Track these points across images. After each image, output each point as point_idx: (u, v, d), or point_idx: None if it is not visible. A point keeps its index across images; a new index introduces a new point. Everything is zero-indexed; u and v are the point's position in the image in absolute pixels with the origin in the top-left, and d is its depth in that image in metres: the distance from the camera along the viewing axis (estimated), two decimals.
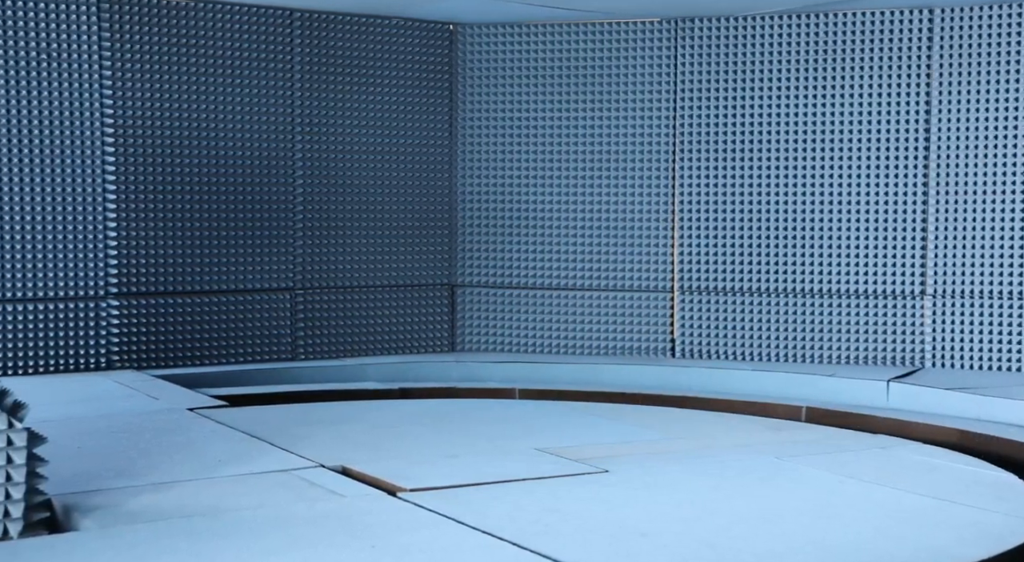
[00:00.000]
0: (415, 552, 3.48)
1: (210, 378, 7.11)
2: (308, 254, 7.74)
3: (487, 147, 8.12)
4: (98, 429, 5.20)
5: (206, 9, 7.31)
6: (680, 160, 7.83)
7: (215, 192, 7.40)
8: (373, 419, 5.75)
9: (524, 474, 4.50)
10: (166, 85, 7.21)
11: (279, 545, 3.51)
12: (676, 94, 7.80)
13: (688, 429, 5.66)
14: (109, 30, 7.02)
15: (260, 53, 7.49)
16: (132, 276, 7.16)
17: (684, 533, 3.76)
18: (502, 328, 8.15)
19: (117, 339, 7.10)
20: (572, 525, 3.81)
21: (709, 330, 7.79)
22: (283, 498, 4.08)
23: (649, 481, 4.46)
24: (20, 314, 6.85)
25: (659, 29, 7.81)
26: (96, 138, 7.02)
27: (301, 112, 7.66)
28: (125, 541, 3.52)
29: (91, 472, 4.36)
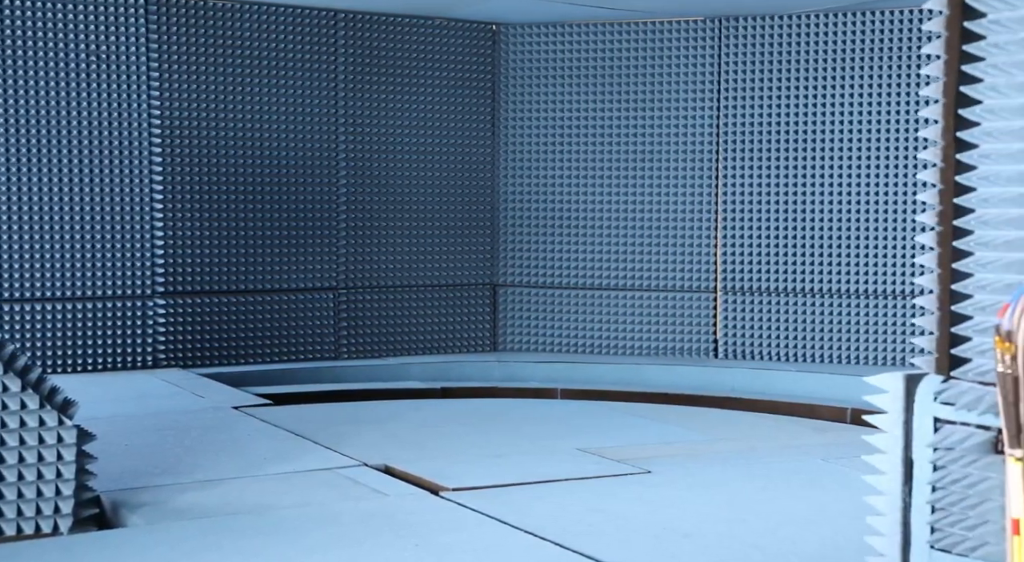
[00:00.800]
0: (458, 551, 3.48)
1: (254, 377, 7.17)
2: (352, 254, 7.78)
3: (529, 147, 8.12)
4: (145, 427, 5.25)
5: (251, 11, 7.37)
6: (724, 160, 7.78)
7: (260, 192, 7.46)
8: (416, 418, 5.77)
9: (567, 474, 4.50)
10: (212, 86, 7.28)
11: (323, 543, 3.53)
12: (719, 93, 7.76)
13: (732, 430, 5.63)
14: (156, 31, 7.10)
15: (304, 54, 7.54)
16: (178, 275, 7.24)
17: (728, 534, 3.73)
18: (544, 328, 8.15)
19: (164, 338, 7.18)
20: (615, 525, 3.80)
21: (753, 330, 7.74)
22: (327, 496, 4.10)
23: (692, 482, 4.43)
24: (69, 313, 6.95)
25: (702, 28, 7.77)
26: (144, 139, 7.10)
27: (345, 112, 7.70)
28: (172, 537, 3.56)
29: (138, 469, 4.41)
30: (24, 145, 6.81)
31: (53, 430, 3.61)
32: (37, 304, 6.88)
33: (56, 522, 3.61)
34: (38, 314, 6.87)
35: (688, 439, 5.35)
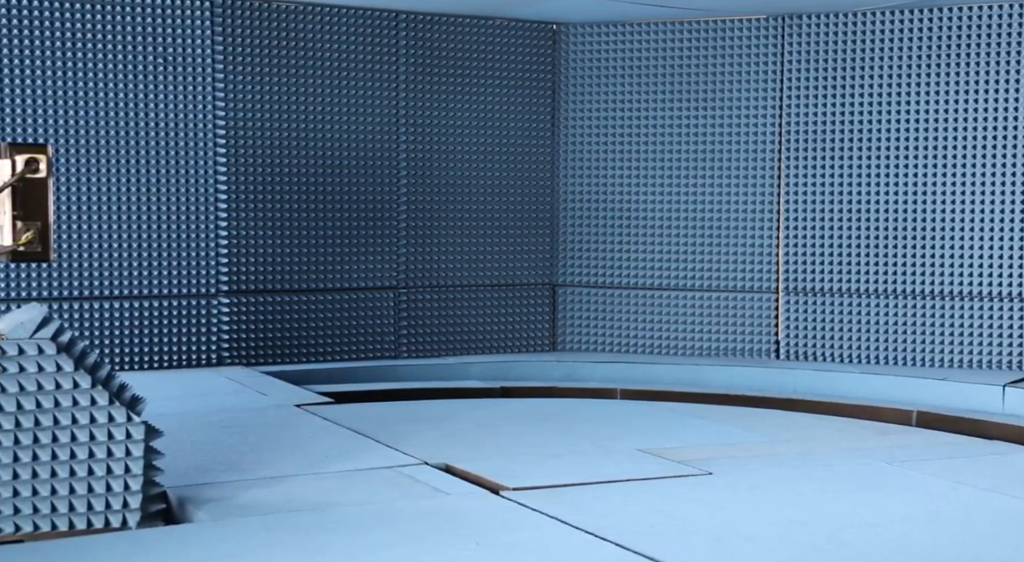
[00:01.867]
0: (519, 551, 3.49)
1: (316, 375, 7.24)
2: (411, 253, 7.83)
3: (589, 146, 8.11)
4: (210, 424, 5.33)
5: (314, 12, 7.45)
6: (786, 159, 7.70)
7: (321, 192, 7.53)
8: (476, 417, 5.79)
9: (627, 475, 4.49)
10: (275, 87, 7.37)
11: (385, 541, 3.56)
12: (782, 92, 7.68)
13: (794, 432, 5.57)
14: (222, 33, 7.21)
15: (366, 54, 7.61)
16: (242, 274, 7.33)
17: (790, 538, 3.70)
18: (603, 328, 8.13)
19: (227, 336, 7.29)
20: (676, 527, 3.79)
21: (815, 331, 7.65)
22: (388, 495, 4.13)
23: (754, 484, 4.40)
24: (136, 311, 7.07)
25: (765, 26, 7.70)
26: (208, 139, 7.21)
27: (406, 112, 7.75)
28: (237, 533, 3.61)
29: (204, 466, 4.48)
30: (92, 146, 6.94)
31: (122, 426, 3.68)
32: (105, 302, 7.01)
33: (125, 517, 3.68)
34: (106, 312, 7.01)
35: (749, 441, 5.31)
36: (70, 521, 3.63)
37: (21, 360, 3.57)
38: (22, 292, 6.84)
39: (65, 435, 3.61)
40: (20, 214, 3.56)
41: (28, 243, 3.57)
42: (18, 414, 3.56)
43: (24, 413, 3.57)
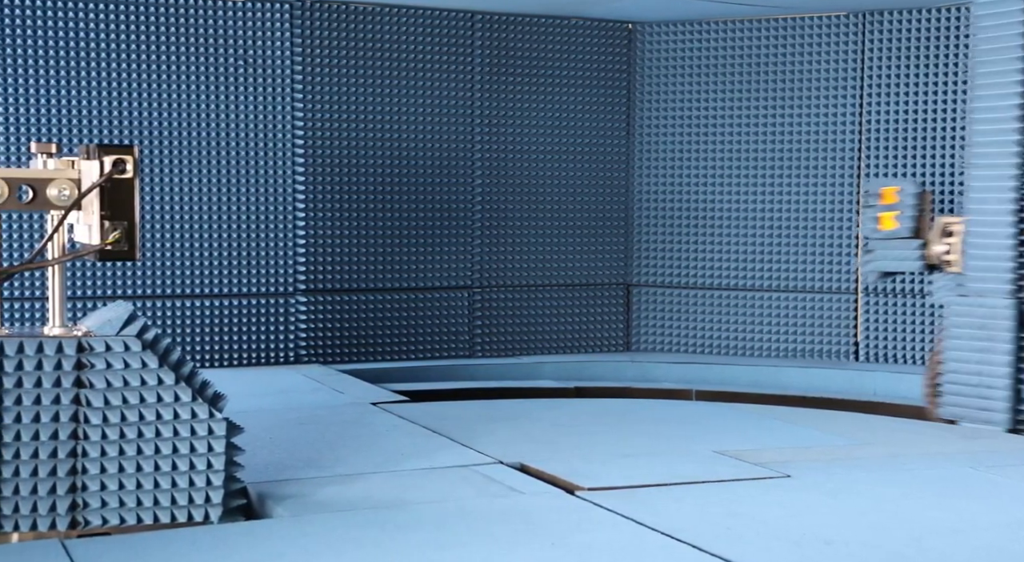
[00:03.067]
0: (595, 551, 3.48)
1: (391, 373, 7.31)
2: (486, 253, 7.85)
3: (665, 146, 8.06)
4: (288, 421, 5.41)
5: (390, 12, 7.52)
6: (866, 157, 7.58)
7: (397, 192, 7.60)
8: (550, 417, 5.79)
9: (703, 476, 4.45)
10: (352, 88, 7.45)
11: (462, 539, 3.57)
12: (862, 90, 7.56)
13: (874, 435, 5.47)
14: (300, 35, 7.30)
15: (442, 55, 7.65)
16: (319, 273, 7.43)
17: (872, 543, 3.63)
18: (678, 328, 8.08)
19: (305, 334, 7.38)
20: (754, 530, 3.74)
21: (896, 333, 7.52)
22: (464, 493, 4.15)
23: (834, 488, 4.33)
24: (216, 309, 7.20)
25: (845, 23, 7.58)
26: (287, 140, 7.31)
27: (481, 113, 7.78)
28: (316, 529, 3.66)
29: (282, 462, 4.54)
30: (175, 147, 7.09)
31: (204, 422, 3.74)
32: (186, 300, 7.15)
33: (207, 511, 3.74)
34: (187, 310, 7.14)
35: (828, 443, 5.23)
36: (155, 515, 3.71)
37: (108, 357, 3.65)
38: (107, 290, 7.00)
39: (150, 431, 3.69)
40: (107, 214, 3.64)
41: (115, 242, 3.65)
42: (105, 410, 3.65)
43: (110, 409, 3.65)
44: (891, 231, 5.87)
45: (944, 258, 5.77)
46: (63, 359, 3.61)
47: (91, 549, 3.46)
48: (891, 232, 5.87)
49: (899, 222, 5.83)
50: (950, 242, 5.75)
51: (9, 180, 3.67)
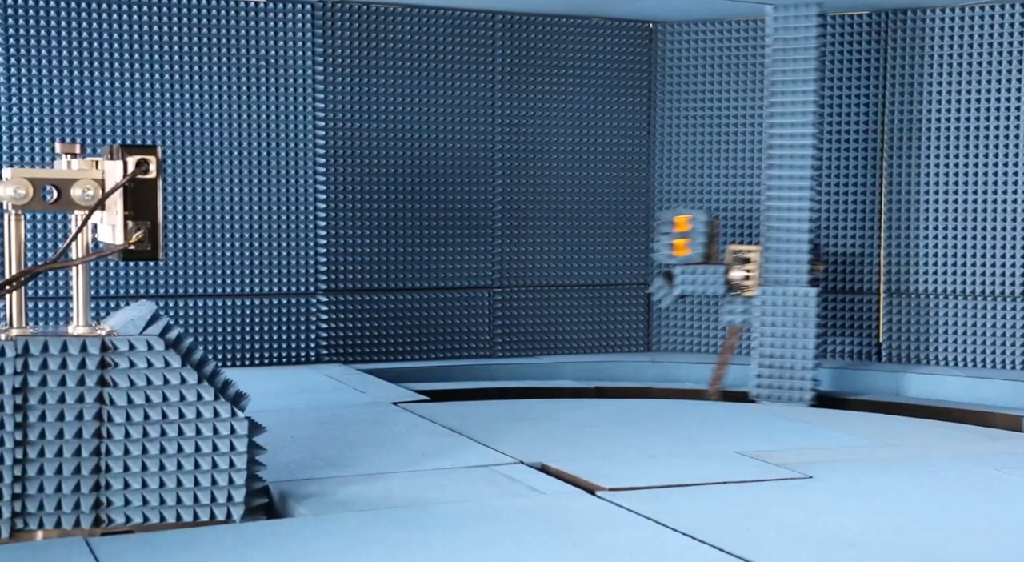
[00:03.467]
0: (616, 551, 3.48)
1: (411, 373, 7.32)
2: (507, 253, 7.85)
3: (685, 146, 8.04)
4: (309, 420, 5.42)
5: (411, 13, 7.53)
6: (888, 157, 7.53)
7: (418, 192, 7.61)
8: (570, 417, 5.78)
9: (725, 477, 4.43)
10: (373, 88, 7.47)
11: (483, 539, 3.58)
12: (884, 89, 7.51)
13: (897, 436, 5.44)
14: (322, 36, 7.32)
15: (462, 55, 7.66)
16: (340, 273, 7.45)
17: (895, 545, 3.61)
18: (699, 329, 8.05)
19: (326, 334, 7.40)
20: (775, 531, 3.73)
21: (919, 334, 7.47)
22: (485, 493, 4.15)
23: (856, 489, 4.31)
24: (238, 308, 7.23)
25: (866, 22, 7.54)
26: (309, 141, 7.33)
27: (502, 113, 7.78)
28: (337, 528, 3.67)
29: (304, 461, 4.56)
30: (197, 147, 7.12)
31: (227, 421, 3.76)
32: (209, 300, 7.18)
33: (229, 510, 3.76)
34: (209, 309, 7.18)
35: (851, 444, 5.21)
36: (177, 513, 3.72)
37: (131, 356, 3.68)
38: (131, 290, 7.04)
39: (172, 429, 3.71)
40: (131, 214, 3.66)
41: (139, 242, 3.67)
42: (128, 408, 3.67)
43: (134, 407, 3.67)
44: (685, 257, 6.49)
45: (742, 283, 6.48)
46: (87, 358, 3.64)
47: (114, 547, 3.48)
48: (685, 258, 6.49)
49: (691, 249, 6.47)
50: (748, 269, 6.47)
51: (34, 180, 3.70)
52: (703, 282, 6.53)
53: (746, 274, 6.42)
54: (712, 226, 6.54)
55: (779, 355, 6.58)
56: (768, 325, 6.53)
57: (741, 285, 6.45)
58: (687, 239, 6.43)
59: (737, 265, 6.42)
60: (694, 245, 6.45)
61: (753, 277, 6.43)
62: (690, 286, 6.51)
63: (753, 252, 6.48)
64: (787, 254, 6.62)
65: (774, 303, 6.58)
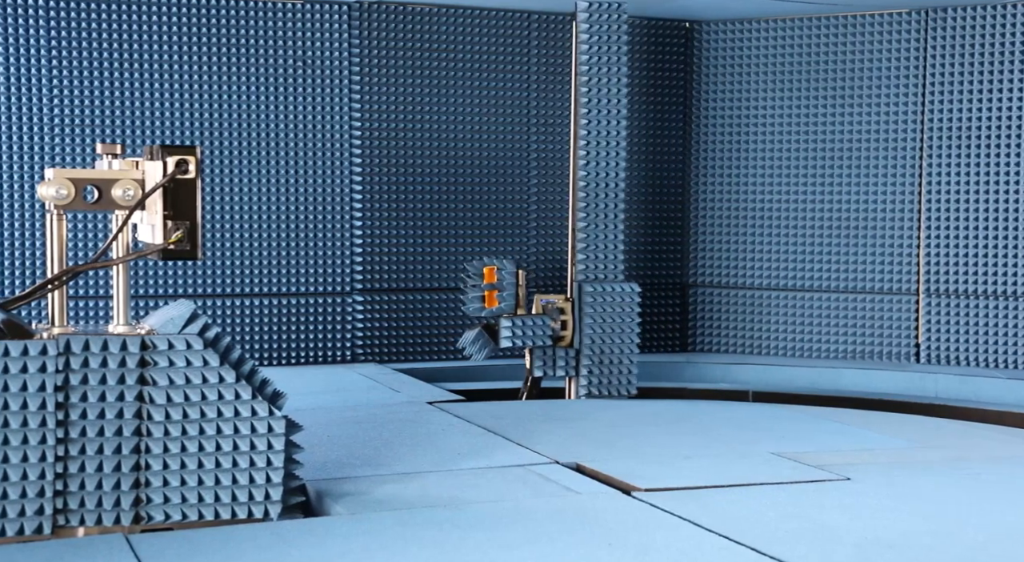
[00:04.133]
0: (652, 552, 3.46)
1: (446, 372, 7.33)
2: (542, 251, 7.85)
3: (723, 145, 8.00)
4: (345, 419, 5.44)
5: (447, 13, 7.54)
6: (927, 156, 7.46)
7: (453, 192, 7.62)
8: (605, 417, 5.77)
9: (762, 478, 4.41)
10: (409, 88, 7.49)
11: (519, 539, 3.57)
12: (924, 88, 7.44)
13: (937, 438, 5.39)
14: (358, 36, 7.36)
15: (498, 55, 7.66)
16: (375, 273, 7.47)
17: (936, 548, 3.58)
18: (736, 329, 8.01)
19: (361, 333, 7.43)
20: (813, 533, 3.70)
21: (958, 335, 7.39)
22: (520, 493, 4.15)
23: (895, 491, 4.27)
24: (275, 307, 7.28)
25: (907, 20, 7.47)
26: (345, 141, 7.37)
27: (537, 112, 7.78)
28: (374, 527, 3.68)
29: (340, 460, 4.57)
30: (235, 148, 7.17)
31: (264, 420, 3.78)
32: (246, 299, 7.23)
33: (267, 508, 3.78)
34: (246, 308, 7.23)
35: (889, 446, 5.16)
36: (215, 511, 3.75)
37: (170, 354, 3.71)
38: (169, 289, 7.11)
39: (211, 428, 3.73)
40: (170, 213, 3.69)
41: (178, 242, 3.71)
42: (167, 407, 3.70)
43: (173, 406, 3.70)
44: (496, 309, 6.44)
45: (560, 334, 6.49)
46: (127, 357, 3.67)
47: (154, 544, 3.52)
48: (496, 309, 6.43)
49: (500, 300, 6.43)
50: (564, 319, 6.48)
51: (76, 181, 3.74)
52: (531, 335, 6.46)
53: (562, 323, 6.43)
54: (518, 276, 6.50)
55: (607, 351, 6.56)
56: (594, 321, 6.55)
57: (559, 336, 6.47)
58: (496, 291, 6.39)
59: (553, 315, 6.41)
60: (503, 296, 6.41)
61: (568, 328, 6.44)
62: (519, 339, 6.45)
63: (563, 302, 6.48)
64: (605, 252, 6.66)
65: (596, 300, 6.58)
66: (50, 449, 3.57)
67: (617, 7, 6.55)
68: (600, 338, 6.51)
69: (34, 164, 6.84)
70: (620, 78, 6.59)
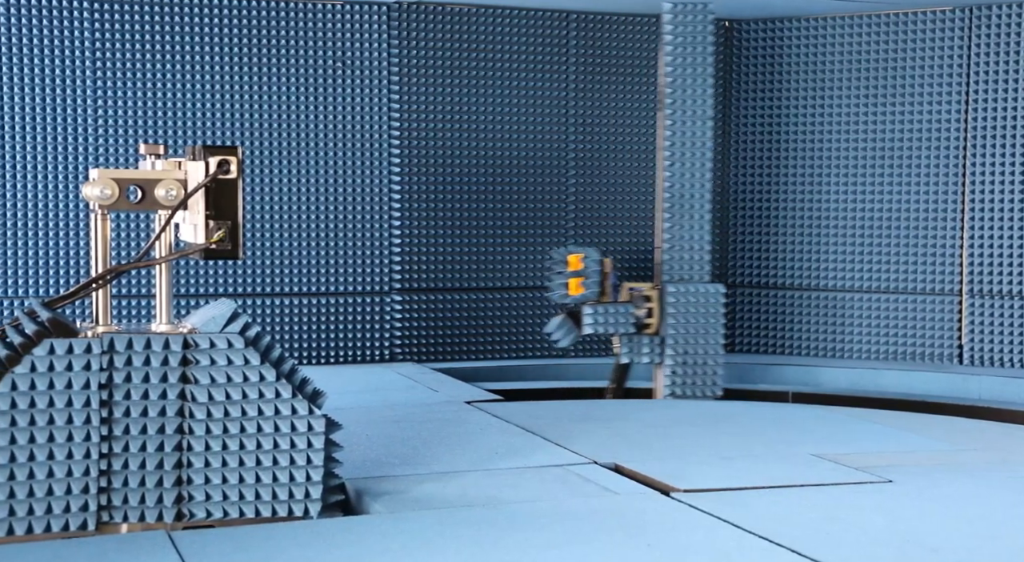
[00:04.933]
0: (692, 554, 3.45)
1: (484, 372, 7.34)
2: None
3: (761, 145, 7.95)
4: (384, 418, 5.47)
5: (485, 13, 7.55)
6: (971, 156, 7.37)
7: (491, 192, 7.63)
8: (644, 418, 5.75)
9: (802, 480, 4.38)
10: (447, 89, 7.51)
11: (558, 539, 3.57)
12: (968, 86, 7.36)
13: (980, 440, 5.32)
14: (397, 37, 7.38)
15: (536, 55, 7.66)
16: (414, 272, 7.50)
17: (980, 551, 3.53)
18: (775, 330, 7.96)
19: (400, 333, 7.46)
20: (854, 535, 3.67)
21: (1002, 336, 7.30)
22: (558, 492, 4.15)
23: (938, 494, 4.22)
24: (315, 307, 7.32)
25: (951, 18, 7.39)
26: (384, 141, 7.40)
27: (575, 112, 7.77)
28: (413, 526, 3.69)
29: (379, 459, 4.59)
30: (275, 148, 7.22)
31: (304, 419, 3.81)
32: (286, 298, 7.28)
33: (307, 506, 3.81)
34: (286, 308, 7.28)
35: (932, 448, 5.10)
36: (256, 509, 3.78)
37: (212, 353, 3.74)
38: (211, 288, 7.17)
39: (252, 426, 3.76)
40: (212, 213, 3.72)
41: (219, 241, 3.74)
42: (209, 405, 3.73)
43: (214, 404, 3.73)
44: (580, 296, 6.43)
45: (645, 321, 6.45)
46: (170, 355, 3.71)
47: (196, 541, 3.55)
48: (580, 297, 6.43)
49: (585, 288, 6.43)
50: (649, 307, 6.43)
51: (119, 181, 3.78)
52: (614, 322, 6.45)
53: (648, 311, 6.38)
54: (603, 264, 6.49)
55: (692, 351, 6.52)
56: (679, 322, 6.51)
57: (644, 323, 6.43)
58: (581, 278, 6.38)
59: (638, 303, 6.38)
60: (588, 284, 6.40)
61: (655, 314, 6.39)
62: (601, 326, 6.44)
63: (650, 290, 6.43)
64: (690, 253, 6.60)
65: (680, 300, 6.54)
66: (94, 446, 3.62)
67: (703, 7, 6.46)
68: (684, 339, 6.48)
69: (79, 164, 6.93)
70: (707, 78, 6.50)
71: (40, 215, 6.91)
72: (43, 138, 6.89)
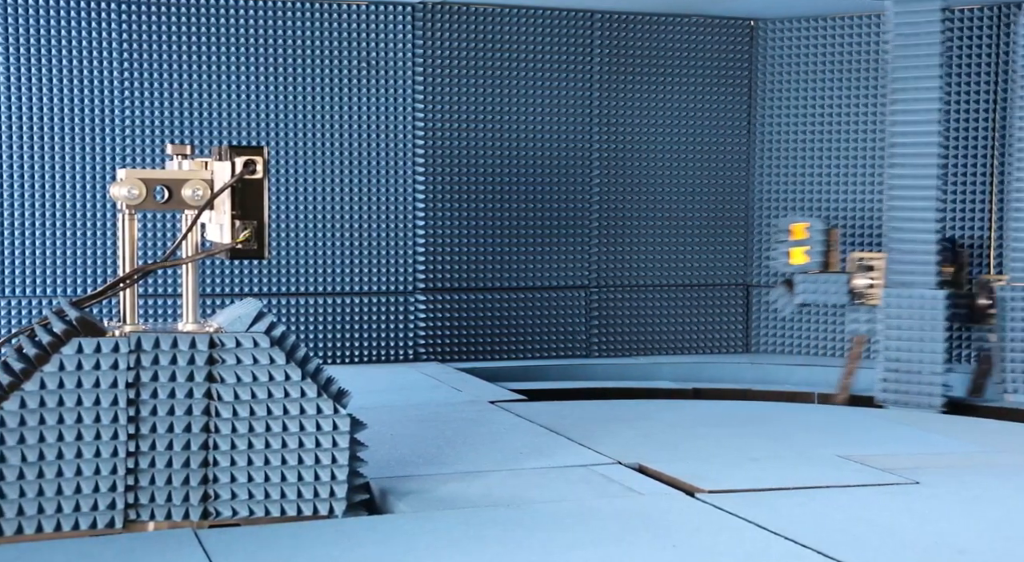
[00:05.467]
0: (717, 554, 3.44)
1: (508, 372, 7.34)
2: (603, 253, 7.83)
3: (786, 145, 7.91)
4: (408, 418, 5.48)
5: (510, 14, 7.55)
6: (999, 155, 7.31)
7: (515, 192, 7.63)
8: (668, 418, 5.74)
9: (828, 481, 4.35)
10: (472, 89, 7.51)
11: (582, 540, 3.57)
12: (997, 85, 7.29)
13: (1009, 442, 5.28)
14: (421, 38, 7.40)
15: (560, 54, 7.65)
16: (438, 272, 7.51)
17: (1009, 554, 3.50)
18: (800, 330, 7.92)
19: (424, 332, 7.47)
20: (881, 537, 3.65)
21: None
22: (583, 493, 4.14)
23: (966, 496, 4.19)
24: (339, 306, 7.34)
25: (980, 16, 7.33)
26: (408, 141, 7.41)
27: (599, 112, 7.76)
28: (437, 526, 3.70)
29: (403, 458, 4.60)
30: (300, 148, 7.25)
31: (329, 418, 3.82)
32: (311, 298, 7.31)
33: (332, 505, 3.82)
34: (311, 307, 7.30)
35: (960, 450, 5.07)
36: (281, 507, 3.79)
37: (238, 352, 3.76)
38: (236, 288, 7.20)
39: (277, 425, 3.78)
40: (238, 213, 3.74)
41: (245, 241, 3.76)
42: (235, 404, 3.75)
43: (240, 403, 3.75)
44: (802, 265, 6.34)
45: (866, 291, 6.28)
46: (196, 354, 3.73)
47: (222, 539, 3.56)
48: (802, 266, 6.34)
49: (809, 257, 6.34)
50: (872, 276, 6.27)
51: (147, 181, 3.81)
52: (825, 291, 6.35)
53: (870, 282, 6.20)
54: (830, 234, 6.39)
55: (906, 359, 6.25)
56: (894, 328, 6.25)
57: (865, 293, 6.25)
58: (805, 247, 6.30)
59: (860, 273, 6.22)
60: (811, 253, 6.31)
61: (878, 285, 6.20)
62: (812, 295, 6.34)
63: (877, 259, 6.23)
64: (913, 256, 6.28)
65: (899, 305, 6.26)
66: (121, 445, 3.64)
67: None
68: (897, 346, 6.21)
69: (106, 165, 6.98)
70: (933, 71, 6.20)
71: (68, 215, 6.96)
72: (71, 139, 6.94)
